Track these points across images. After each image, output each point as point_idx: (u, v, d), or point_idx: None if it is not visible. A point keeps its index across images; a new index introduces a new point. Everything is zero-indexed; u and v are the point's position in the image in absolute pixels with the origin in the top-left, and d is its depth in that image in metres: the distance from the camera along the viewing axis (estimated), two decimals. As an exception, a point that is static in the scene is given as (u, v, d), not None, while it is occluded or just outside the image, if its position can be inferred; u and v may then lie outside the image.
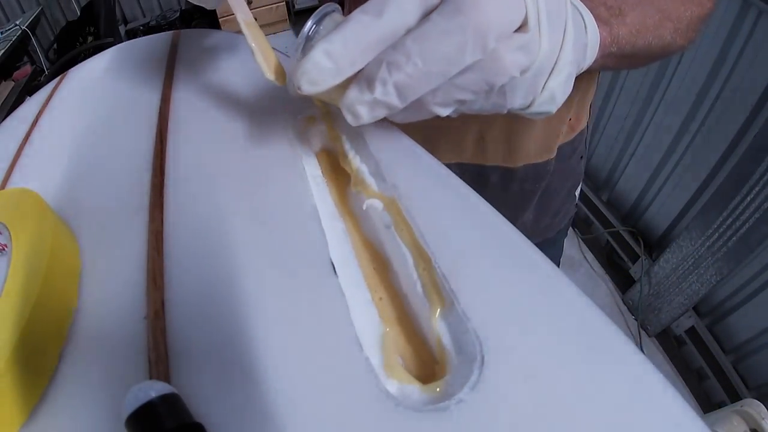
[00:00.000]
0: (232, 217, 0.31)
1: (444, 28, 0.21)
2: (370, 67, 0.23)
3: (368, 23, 0.22)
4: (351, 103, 0.24)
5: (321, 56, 0.22)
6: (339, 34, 0.22)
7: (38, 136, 0.41)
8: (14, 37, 1.92)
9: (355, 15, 0.22)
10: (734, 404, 0.98)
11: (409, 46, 0.21)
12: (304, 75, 0.23)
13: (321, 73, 0.23)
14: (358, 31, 0.22)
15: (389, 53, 0.22)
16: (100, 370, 0.24)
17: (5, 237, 0.27)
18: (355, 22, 0.22)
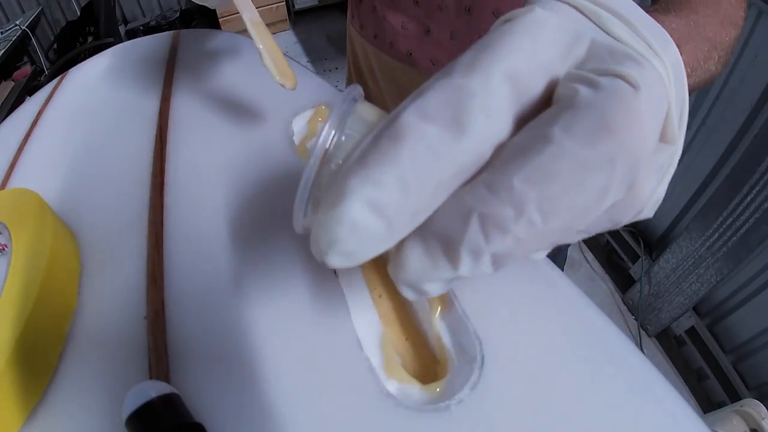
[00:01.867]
0: (232, 217, 0.31)
1: (580, 159, 0.12)
2: (449, 222, 0.13)
3: (442, 144, 0.13)
4: (415, 280, 0.14)
5: (363, 213, 0.13)
6: (391, 169, 0.13)
7: (38, 136, 0.41)
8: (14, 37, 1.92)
9: (412, 127, 0.13)
10: (734, 404, 0.98)
11: (520, 192, 0.12)
12: (334, 246, 0.14)
13: (363, 241, 0.13)
14: (427, 162, 0.13)
15: (485, 200, 0.13)
16: (100, 370, 0.24)
17: (5, 237, 0.27)
18: (419, 142, 0.13)
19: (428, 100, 0.13)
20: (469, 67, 0.14)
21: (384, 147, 0.13)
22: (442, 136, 0.13)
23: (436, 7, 0.42)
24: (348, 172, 0.13)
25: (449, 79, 0.14)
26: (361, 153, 0.14)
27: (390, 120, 0.14)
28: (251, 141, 0.37)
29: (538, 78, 0.14)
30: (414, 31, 0.45)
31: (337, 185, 0.14)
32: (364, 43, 0.52)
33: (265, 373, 0.23)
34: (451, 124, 0.13)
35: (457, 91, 0.13)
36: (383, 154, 0.13)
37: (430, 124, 0.13)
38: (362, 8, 0.50)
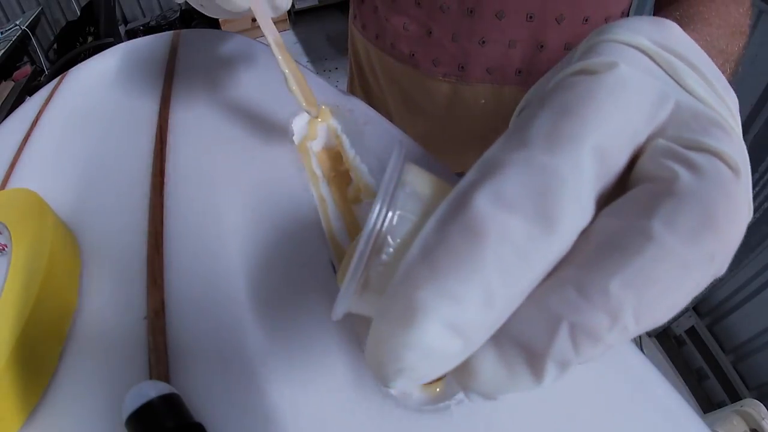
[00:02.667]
0: (232, 217, 0.31)
1: (682, 259, 0.11)
2: (533, 329, 0.11)
3: (530, 242, 0.11)
4: (488, 391, 0.12)
5: (440, 335, 0.11)
6: (475, 285, 0.11)
7: (38, 136, 0.41)
8: (14, 37, 1.92)
9: (494, 223, 0.11)
10: (734, 404, 0.98)
11: (619, 297, 0.11)
12: (402, 373, 0.12)
13: (436, 364, 0.11)
14: (514, 266, 0.11)
15: (578, 308, 0.11)
16: (100, 371, 0.24)
17: (5, 237, 0.27)
18: (504, 242, 0.11)
19: (507, 184, 0.11)
20: (553, 140, 0.12)
21: (460, 248, 0.11)
22: (530, 231, 0.11)
23: (438, 8, 0.42)
24: (416, 278, 0.11)
25: (528, 152, 0.12)
26: (426, 249, 0.11)
27: (458, 204, 0.12)
28: (251, 141, 0.37)
29: (625, 149, 0.12)
30: (415, 32, 0.45)
31: (404, 296, 0.11)
32: (366, 44, 0.52)
33: (265, 373, 0.23)
34: (539, 217, 0.11)
35: (542, 172, 0.11)
36: (461, 258, 0.11)
37: (514, 216, 0.11)
38: (364, 9, 0.50)
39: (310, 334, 0.24)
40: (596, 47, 0.14)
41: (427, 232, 0.12)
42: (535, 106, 0.13)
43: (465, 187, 0.12)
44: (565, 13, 0.40)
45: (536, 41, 0.42)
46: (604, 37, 0.14)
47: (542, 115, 0.12)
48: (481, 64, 0.44)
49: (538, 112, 0.13)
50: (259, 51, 0.48)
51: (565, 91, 0.13)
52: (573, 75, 0.13)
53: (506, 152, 0.12)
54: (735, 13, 0.32)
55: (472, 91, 0.46)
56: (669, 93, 0.13)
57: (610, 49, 0.14)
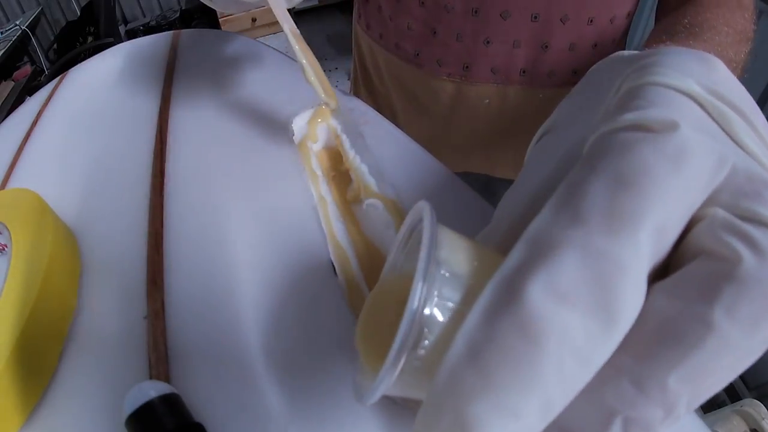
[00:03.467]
0: (232, 217, 0.31)
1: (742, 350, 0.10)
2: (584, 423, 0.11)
3: (590, 341, 0.10)
4: None
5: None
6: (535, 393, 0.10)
7: (38, 136, 0.41)
8: (14, 37, 1.92)
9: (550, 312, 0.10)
10: (734, 404, 0.98)
11: (676, 391, 0.10)
12: None
13: None
14: (575, 371, 0.10)
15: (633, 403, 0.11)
16: (100, 370, 0.24)
17: (5, 237, 0.27)
18: (563, 344, 0.10)
19: (563, 272, 0.10)
20: (613, 219, 0.10)
21: (516, 352, 0.10)
22: (589, 329, 0.10)
23: (443, 8, 0.42)
24: (466, 387, 0.10)
25: (585, 233, 0.10)
26: (474, 349, 0.10)
27: (508, 294, 0.10)
28: (251, 141, 0.37)
29: (682, 223, 0.11)
30: (420, 32, 0.45)
31: (454, 409, 0.10)
32: (371, 43, 0.52)
33: (265, 373, 0.23)
34: (599, 311, 0.10)
35: (601, 259, 0.10)
36: (519, 366, 0.10)
37: (572, 312, 0.10)
38: (368, 8, 0.50)
39: (310, 334, 0.24)
40: (644, 92, 0.13)
41: (473, 326, 0.11)
42: (585, 169, 0.12)
43: (514, 270, 0.11)
44: (569, 13, 0.40)
45: (541, 41, 0.42)
46: (651, 80, 0.13)
47: (596, 184, 0.11)
48: (486, 64, 0.44)
49: (590, 179, 0.11)
50: (259, 51, 0.48)
51: (620, 155, 0.11)
52: (625, 130, 0.12)
53: (559, 230, 0.11)
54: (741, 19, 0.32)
55: (476, 91, 0.46)
56: (727, 155, 0.12)
57: (660, 97, 0.12)
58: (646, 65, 0.14)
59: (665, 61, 0.13)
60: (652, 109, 0.12)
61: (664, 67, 0.13)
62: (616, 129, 0.12)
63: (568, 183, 0.12)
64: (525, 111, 0.47)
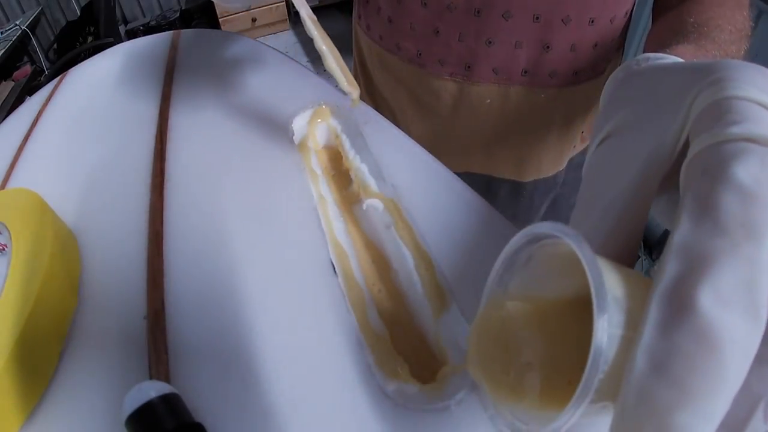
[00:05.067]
0: (232, 217, 0.31)
1: None
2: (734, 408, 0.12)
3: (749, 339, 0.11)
4: None
5: None
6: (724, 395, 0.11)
7: (38, 136, 0.41)
8: (14, 37, 1.92)
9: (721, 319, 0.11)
10: (734, 404, 0.98)
11: None
12: None
13: None
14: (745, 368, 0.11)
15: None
16: (100, 371, 0.24)
17: (5, 237, 0.27)
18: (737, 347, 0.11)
19: (723, 279, 0.11)
20: (751, 228, 0.12)
21: (701, 360, 0.11)
22: (746, 329, 0.11)
23: (445, 8, 0.42)
24: (662, 399, 0.11)
25: (732, 242, 0.12)
26: (658, 364, 0.11)
27: (678, 306, 0.11)
28: (251, 141, 0.37)
29: None
30: (422, 32, 0.45)
31: (656, 422, 0.11)
32: (371, 44, 0.52)
33: (265, 372, 0.23)
34: (752, 311, 0.11)
35: (749, 264, 0.11)
36: (708, 373, 0.11)
37: (735, 316, 0.11)
38: (369, 9, 0.50)
39: (310, 334, 0.24)
40: (732, 106, 0.14)
41: (651, 342, 0.11)
42: (709, 181, 0.13)
43: (676, 282, 0.12)
44: (571, 14, 0.40)
45: (542, 42, 0.42)
46: (733, 94, 0.14)
47: (727, 196, 0.12)
48: (488, 64, 0.44)
49: (719, 190, 0.12)
50: (260, 51, 0.48)
51: (741, 167, 0.13)
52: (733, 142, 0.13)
53: (706, 240, 0.12)
54: (740, 17, 0.33)
55: (478, 91, 0.46)
56: None
57: (749, 111, 0.14)
58: (721, 80, 0.15)
59: (738, 75, 0.15)
60: (750, 124, 0.13)
61: (741, 82, 0.14)
62: (724, 141, 0.13)
63: (696, 195, 0.13)
64: (526, 111, 0.47)
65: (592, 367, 0.12)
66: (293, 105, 0.38)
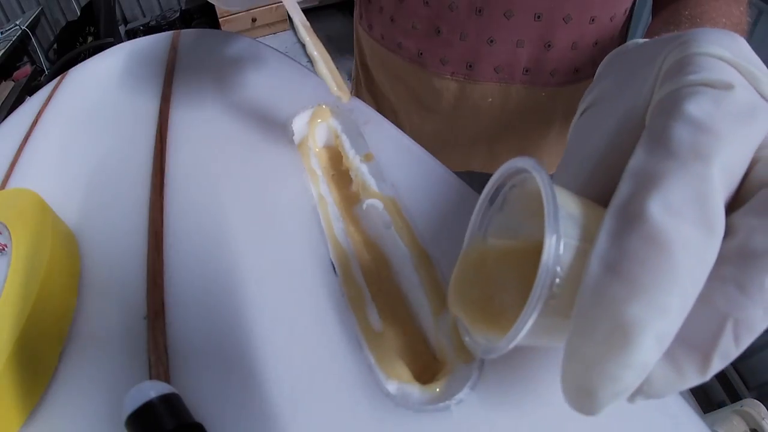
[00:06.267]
0: (232, 217, 0.31)
1: None
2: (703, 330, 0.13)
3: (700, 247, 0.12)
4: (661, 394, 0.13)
5: (653, 351, 0.12)
6: (676, 290, 0.12)
7: (38, 136, 0.41)
8: (14, 37, 1.92)
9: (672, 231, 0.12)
10: (734, 404, 0.98)
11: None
12: (617, 395, 0.12)
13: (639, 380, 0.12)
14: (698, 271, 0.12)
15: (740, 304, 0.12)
16: (100, 371, 0.24)
17: (5, 237, 0.27)
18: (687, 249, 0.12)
19: (672, 192, 0.12)
20: (700, 152, 0.13)
21: (652, 259, 0.11)
22: (699, 237, 0.12)
23: (447, 7, 0.42)
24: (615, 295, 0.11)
25: (681, 163, 0.13)
26: (611, 265, 0.12)
27: (630, 216, 0.12)
28: (251, 141, 0.37)
29: (745, 165, 0.14)
30: (424, 31, 0.45)
31: (610, 315, 0.11)
32: (373, 44, 0.52)
33: (265, 373, 0.23)
34: (703, 221, 0.12)
35: (700, 182, 0.12)
36: (658, 270, 0.11)
37: (686, 225, 0.12)
38: (371, 9, 0.50)
39: (310, 334, 0.24)
40: (694, 60, 0.15)
41: (604, 248, 0.12)
42: (665, 117, 0.14)
43: (628, 198, 0.13)
44: (572, 13, 0.40)
45: (544, 41, 0.42)
46: (696, 51, 0.15)
47: (679, 128, 0.13)
48: (489, 63, 0.44)
49: (672, 124, 0.13)
50: (260, 51, 0.48)
51: (694, 105, 0.14)
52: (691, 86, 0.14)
53: (657, 162, 0.13)
54: (736, 11, 0.33)
55: (480, 90, 0.46)
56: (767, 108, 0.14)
57: (709, 64, 0.15)
58: (687, 41, 0.16)
59: (703, 37, 0.16)
60: (706, 72, 0.14)
61: (704, 41, 0.15)
62: (682, 87, 0.14)
63: (651, 129, 0.14)
64: (528, 109, 0.47)
65: (543, 267, 0.13)
66: (293, 105, 0.38)
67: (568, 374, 0.13)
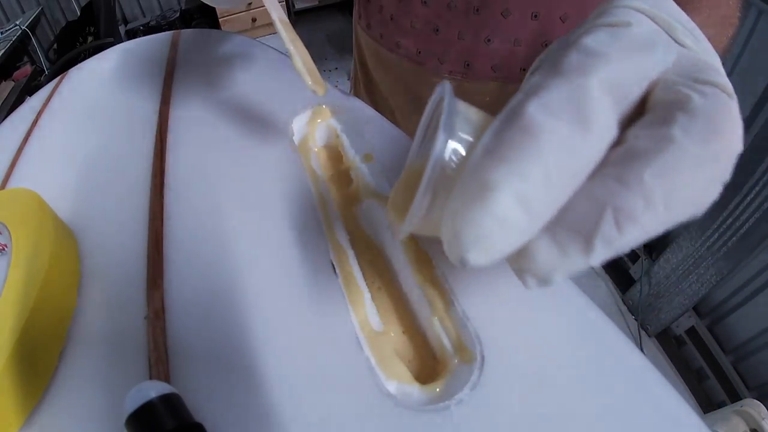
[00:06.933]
0: (232, 216, 0.31)
1: (698, 158, 0.14)
2: (583, 215, 0.14)
3: (573, 141, 0.14)
4: (545, 272, 0.15)
5: (511, 205, 0.13)
6: (536, 163, 0.13)
7: (38, 136, 0.41)
8: (14, 37, 1.92)
9: (545, 124, 0.14)
10: (734, 404, 0.98)
11: (650, 185, 0.14)
12: (479, 241, 0.14)
13: (507, 234, 0.14)
14: (564, 156, 0.14)
15: (619, 193, 0.14)
16: (100, 371, 0.24)
17: (5, 237, 0.27)
18: (554, 140, 0.14)
19: (551, 97, 0.14)
20: (584, 68, 0.15)
21: (520, 142, 0.14)
22: (572, 131, 0.14)
23: (445, 6, 0.42)
24: (485, 166, 0.14)
25: (565, 77, 0.15)
26: (489, 149, 0.14)
27: (511, 115, 0.14)
28: (251, 141, 0.37)
29: (638, 83, 0.16)
30: (422, 30, 0.45)
31: (478, 179, 0.14)
32: (371, 43, 0.52)
33: (265, 372, 0.23)
34: (578, 120, 0.14)
35: (577, 89, 0.14)
36: (523, 148, 0.13)
37: (560, 120, 0.14)
38: (369, 8, 0.50)
39: (310, 334, 0.24)
40: (608, 10, 0.17)
41: (488, 140, 0.14)
42: (563, 48, 0.16)
43: (514, 104, 0.15)
44: (569, 12, 0.40)
45: (541, 40, 0.42)
46: (614, 4, 0.17)
47: (572, 53, 0.15)
48: (487, 62, 0.44)
49: (567, 52, 0.15)
50: (260, 51, 0.48)
51: (590, 37, 0.16)
52: (589, 26, 0.16)
53: (545, 78, 0.15)
54: (724, 4, 0.33)
55: (477, 89, 0.46)
56: (671, 46, 0.16)
57: (620, 12, 0.16)
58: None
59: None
60: (613, 17, 0.16)
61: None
62: (587, 27, 0.16)
63: (550, 60, 0.16)
64: None
65: (433, 155, 0.16)
66: (293, 105, 0.38)
67: (445, 229, 0.15)
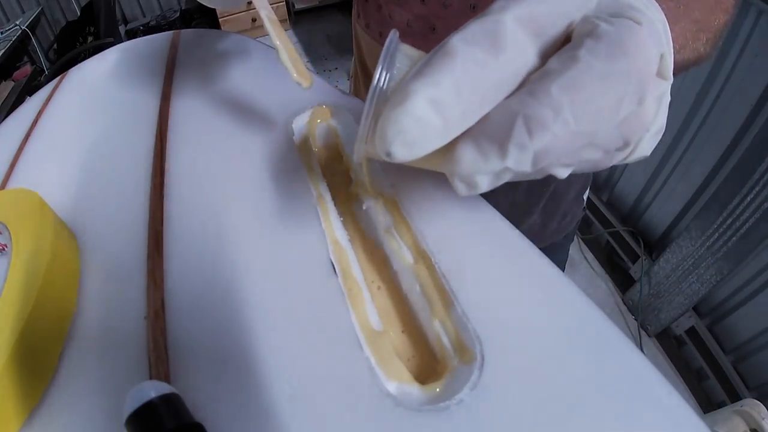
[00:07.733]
0: (232, 216, 0.31)
1: (602, 73, 0.16)
2: (498, 123, 0.16)
3: (485, 61, 0.16)
4: (468, 173, 0.17)
5: (425, 108, 0.16)
6: (448, 75, 0.16)
7: (38, 136, 0.41)
8: (14, 37, 1.92)
9: (461, 48, 0.16)
10: (734, 404, 0.98)
11: (557, 97, 0.16)
12: (399, 135, 0.16)
13: (425, 132, 0.16)
14: (474, 72, 0.16)
15: (529, 104, 0.16)
16: (100, 371, 0.24)
17: (5, 237, 0.27)
18: (467, 59, 0.16)
19: (471, 31, 0.17)
20: (502, 8, 0.17)
21: (438, 61, 0.16)
22: (485, 55, 0.16)
23: (442, 4, 0.42)
24: (409, 80, 0.17)
25: (486, 16, 0.17)
26: (417, 70, 0.17)
27: (439, 46, 0.17)
28: (251, 141, 0.37)
29: (558, 22, 0.18)
30: (420, 29, 0.45)
31: (401, 91, 0.16)
32: (370, 41, 0.52)
33: (265, 373, 0.23)
34: (490, 47, 0.16)
35: (493, 23, 0.17)
36: (439, 65, 0.16)
37: (474, 47, 0.16)
38: (368, 7, 0.50)
39: (310, 334, 0.24)
40: None
41: (417, 66, 0.17)
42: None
43: (442, 42, 0.17)
44: None
45: None
46: None
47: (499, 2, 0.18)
48: None
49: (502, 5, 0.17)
50: (260, 51, 0.48)
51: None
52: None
53: (471, 21, 0.17)
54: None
55: None
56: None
57: None
58: None
59: None
60: None
61: None
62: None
63: None
64: None
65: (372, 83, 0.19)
66: (293, 105, 0.38)
67: (376, 133, 0.17)
